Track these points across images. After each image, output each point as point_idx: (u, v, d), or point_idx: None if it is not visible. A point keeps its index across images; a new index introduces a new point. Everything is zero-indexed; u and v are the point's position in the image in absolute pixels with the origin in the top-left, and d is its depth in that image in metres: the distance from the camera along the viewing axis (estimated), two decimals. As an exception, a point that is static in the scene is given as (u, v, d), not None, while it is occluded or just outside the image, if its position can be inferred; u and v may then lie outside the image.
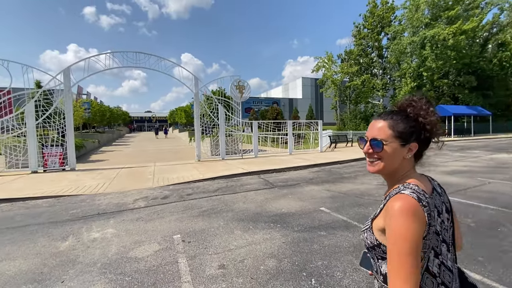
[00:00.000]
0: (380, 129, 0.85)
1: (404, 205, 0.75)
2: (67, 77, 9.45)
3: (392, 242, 0.74)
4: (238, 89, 12.13)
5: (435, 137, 0.87)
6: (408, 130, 0.84)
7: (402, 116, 0.85)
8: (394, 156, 0.84)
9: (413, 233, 0.72)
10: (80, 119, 17.60)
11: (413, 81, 28.27)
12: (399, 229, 0.73)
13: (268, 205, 4.93)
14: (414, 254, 0.71)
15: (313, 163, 9.67)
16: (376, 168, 0.87)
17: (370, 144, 0.86)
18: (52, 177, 8.11)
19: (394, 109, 0.91)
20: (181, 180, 7.38)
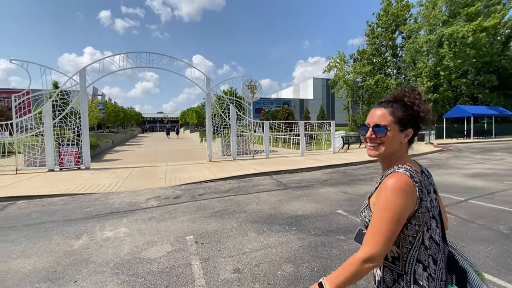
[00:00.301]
0: (381, 116, 0.93)
1: (397, 181, 0.83)
2: (82, 77, 9.64)
3: (377, 211, 0.83)
4: (250, 89, 12.04)
5: (427, 124, 0.95)
6: (406, 117, 0.93)
7: (401, 104, 0.94)
8: (394, 140, 0.93)
9: (398, 206, 0.81)
10: (95, 119, 18.03)
11: (429, 81, 27.35)
12: (386, 201, 0.82)
13: (282, 207, 4.78)
14: (395, 223, 0.80)
15: (326, 164, 9.43)
16: (378, 152, 0.95)
17: (373, 130, 0.94)
18: (67, 176, 8.26)
19: (390, 99, 0.99)
20: (193, 180, 7.33)
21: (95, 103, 19.21)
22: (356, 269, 0.81)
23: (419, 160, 11.42)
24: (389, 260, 0.91)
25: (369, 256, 0.80)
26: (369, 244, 0.82)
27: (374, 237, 0.81)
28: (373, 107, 1.00)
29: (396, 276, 0.89)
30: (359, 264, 0.81)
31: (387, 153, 0.95)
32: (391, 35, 34.21)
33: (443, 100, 29.70)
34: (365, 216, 0.94)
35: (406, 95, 0.95)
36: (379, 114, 0.94)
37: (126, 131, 33.00)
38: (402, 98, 0.96)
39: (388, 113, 0.93)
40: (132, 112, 42.45)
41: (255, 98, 12.18)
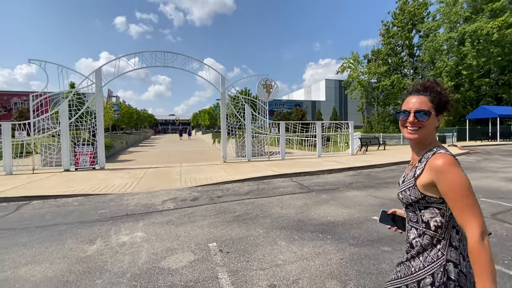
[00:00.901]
0: (422, 103, 1.01)
1: (449, 159, 0.92)
2: (98, 77, 9.58)
3: (452, 190, 0.89)
4: (265, 88, 11.69)
5: (451, 111, 1.04)
6: (441, 103, 1.02)
7: (436, 92, 1.02)
8: (431, 125, 1.02)
9: (466, 178, 0.89)
10: (110, 120, 18.17)
11: (450, 80, 26.15)
12: (456, 177, 0.89)
13: (309, 212, 4.36)
14: (473, 194, 0.89)
15: (348, 166, 8.91)
16: (418, 135, 1.02)
17: (415, 115, 1.00)
18: (82, 176, 8.14)
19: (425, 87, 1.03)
20: (209, 181, 7.02)
21: (110, 104, 19.41)
22: (485, 250, 0.82)
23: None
24: (431, 229, 0.98)
25: (481, 229, 0.84)
26: (472, 221, 0.85)
27: (468, 214, 0.86)
28: (409, 94, 1.06)
29: (435, 241, 0.97)
30: (481, 244, 0.83)
31: (425, 136, 1.02)
32: (408, 34, 33.10)
33: (465, 100, 28.36)
34: (411, 195, 1.02)
35: (437, 85, 1.02)
36: (420, 101, 1.01)
37: (139, 133, 33.36)
38: (435, 87, 1.02)
39: (428, 100, 1.00)
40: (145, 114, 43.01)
41: (271, 97, 11.81)
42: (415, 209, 1.03)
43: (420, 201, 0.99)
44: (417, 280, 0.98)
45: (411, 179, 1.03)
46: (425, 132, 1.01)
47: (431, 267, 0.95)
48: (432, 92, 1.01)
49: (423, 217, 1.01)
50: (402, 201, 1.07)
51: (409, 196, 1.02)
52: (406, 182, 1.05)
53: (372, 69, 33.33)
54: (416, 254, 1.02)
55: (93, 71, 9.51)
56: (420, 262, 0.99)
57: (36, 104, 9.02)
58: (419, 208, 1.01)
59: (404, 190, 1.05)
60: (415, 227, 1.04)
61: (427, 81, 1.04)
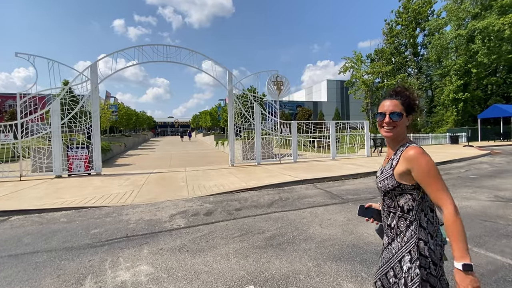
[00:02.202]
0: (396, 105, 1.19)
1: (420, 150, 1.11)
2: (94, 73, 8.66)
3: (425, 174, 1.07)
4: (276, 85, 10.80)
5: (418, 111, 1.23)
6: (409, 105, 1.20)
7: (405, 96, 1.21)
8: (403, 124, 1.20)
9: (432, 165, 1.08)
10: (107, 122, 17.21)
11: (459, 79, 25.39)
12: (426, 163, 1.08)
13: (359, 232, 3.44)
14: (440, 176, 1.07)
15: (373, 170, 8.01)
16: (394, 133, 1.19)
17: (390, 116, 1.18)
18: (76, 183, 7.20)
19: (395, 92, 1.24)
20: (221, 189, 6.09)
21: (108, 104, 18.46)
22: (458, 223, 1.00)
23: (475, 165, 9.89)
24: (405, 212, 1.15)
25: (453, 207, 1.03)
26: (445, 200, 1.04)
27: (441, 193, 1.05)
28: (385, 98, 1.25)
29: (408, 223, 1.14)
30: (454, 218, 1.01)
31: (398, 133, 1.20)
32: (413, 32, 32.42)
33: (472, 100, 27.61)
34: (388, 183, 1.17)
35: (406, 90, 1.23)
36: (393, 104, 1.19)
37: (138, 135, 32.35)
38: (404, 92, 1.22)
39: (399, 103, 1.19)
40: (144, 116, 42.00)
41: (282, 95, 10.92)
42: (391, 196, 1.19)
43: (396, 189, 1.15)
44: (398, 260, 1.13)
45: (388, 170, 1.19)
46: (398, 130, 1.19)
47: (408, 246, 1.11)
48: (402, 96, 1.20)
49: (398, 202, 1.17)
50: (381, 189, 1.22)
51: (387, 184, 1.18)
52: (385, 173, 1.21)
53: (376, 68, 32.58)
54: (395, 236, 1.17)
55: (88, 66, 8.59)
56: (398, 243, 1.15)
57: (24, 103, 8.07)
58: (395, 195, 1.17)
59: (383, 179, 1.20)
60: (393, 212, 1.19)
61: (397, 87, 1.26)
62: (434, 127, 29.51)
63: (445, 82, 27.42)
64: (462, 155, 11.51)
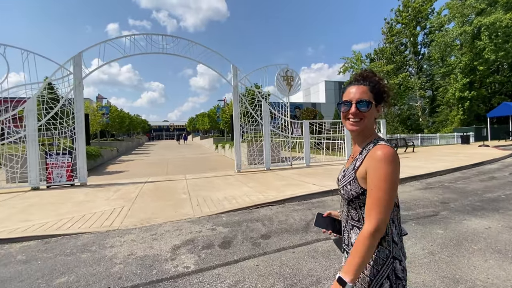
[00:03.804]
0: (363, 93, 0.93)
1: (388, 152, 0.85)
2: (77, 66, 7.40)
3: (375, 182, 0.84)
4: (286, 81, 9.66)
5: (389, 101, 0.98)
6: (380, 93, 0.95)
7: (375, 82, 0.95)
8: (372, 115, 0.95)
9: (393, 175, 0.83)
10: (98, 125, 15.84)
11: (464, 77, 24.67)
12: (383, 171, 0.83)
13: (462, 271, 2.27)
14: (391, 192, 0.83)
15: (409, 175, 6.86)
16: (360, 126, 0.94)
17: (356, 106, 0.93)
18: (53, 197, 5.90)
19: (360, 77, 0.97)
20: (234, 203, 4.88)
21: (98, 106, 17.07)
22: (369, 245, 0.81)
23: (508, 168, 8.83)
24: None
25: (376, 227, 0.81)
26: (374, 215, 0.82)
27: (376, 208, 0.82)
28: (350, 84, 0.99)
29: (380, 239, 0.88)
30: (369, 238, 0.80)
31: (366, 127, 0.95)
32: (413, 31, 31.86)
33: (477, 98, 26.94)
34: (351, 189, 0.94)
35: (374, 75, 0.96)
36: (360, 91, 0.94)
37: (132, 139, 30.85)
38: (373, 77, 0.96)
39: (368, 90, 0.94)
40: (138, 119, 40.46)
41: (292, 91, 9.79)
42: (356, 206, 0.95)
43: (360, 197, 0.92)
44: None
45: (351, 172, 0.96)
46: (366, 122, 0.95)
47: (385, 270, 0.88)
48: (371, 82, 0.96)
49: (363, 215, 0.91)
50: (344, 197, 0.99)
51: (350, 191, 0.95)
52: (347, 176, 0.98)
53: (378, 68, 31.82)
54: None
55: (71, 58, 7.32)
56: (372, 267, 0.89)
57: (-8, 101, 6.76)
58: (359, 205, 0.94)
59: (345, 184, 0.97)
60: (357, 226, 0.95)
61: (364, 71, 0.99)
62: (438, 127, 28.76)
63: (449, 80, 26.71)
64: (489, 156, 10.49)
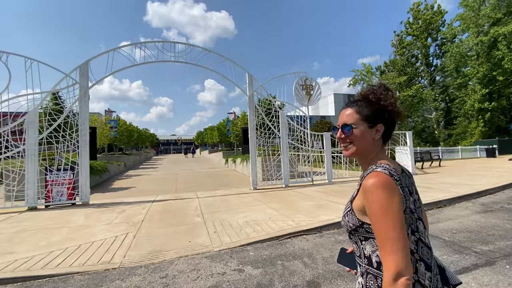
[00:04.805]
0: (348, 115, 0.89)
1: (379, 180, 0.75)
2: (84, 75, 6.90)
3: (375, 219, 0.74)
4: (305, 90, 8.98)
5: (397, 116, 0.88)
6: (373, 113, 0.87)
7: (366, 102, 0.89)
8: (364, 138, 0.87)
9: (392, 205, 0.72)
10: (106, 139, 15.40)
11: (483, 87, 23.68)
12: (379, 202, 0.73)
13: None
14: (398, 224, 0.70)
15: (455, 195, 5.89)
16: (350, 152, 0.89)
17: (341, 130, 0.90)
18: (48, 220, 5.16)
19: (357, 98, 0.93)
20: (259, 231, 4.03)
21: (106, 119, 16.74)
22: None
23: None
24: (373, 265, 0.79)
25: (395, 270, 0.67)
26: (387, 255, 0.70)
27: (388, 249, 0.70)
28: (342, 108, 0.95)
29: (380, 282, 0.76)
30: (391, 285, 0.67)
31: (361, 151, 0.89)
32: (425, 42, 31.39)
33: (497, 109, 25.77)
34: (349, 221, 0.85)
35: (372, 92, 0.89)
36: (346, 114, 0.90)
37: (140, 153, 30.47)
38: (368, 95, 0.89)
39: (354, 112, 0.89)
40: (146, 133, 40.36)
41: (312, 101, 9.08)
42: (356, 240, 0.85)
43: (359, 230, 0.82)
44: None
45: (348, 202, 0.89)
46: (357, 148, 0.88)
47: None
48: (363, 101, 0.89)
49: (364, 251, 0.83)
50: (345, 229, 0.90)
51: (348, 222, 0.86)
52: (346, 206, 0.90)
53: (390, 80, 31.14)
54: None
55: (77, 67, 6.84)
56: None
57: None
58: (359, 239, 0.83)
59: (344, 215, 0.89)
60: (359, 263, 0.86)
61: (367, 88, 0.90)
62: (457, 140, 27.46)
63: (467, 91, 25.73)
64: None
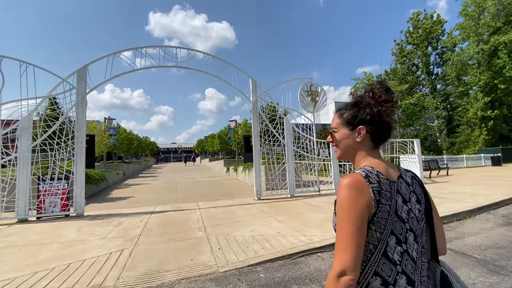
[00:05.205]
0: (333, 120, 0.94)
1: (349, 180, 0.76)
2: (81, 80, 6.63)
3: (337, 216, 0.76)
4: (310, 96, 8.72)
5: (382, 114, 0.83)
6: (352, 115, 0.87)
7: (349, 104, 0.90)
8: (346, 141, 0.88)
9: (352, 205, 0.72)
10: (105, 147, 15.06)
11: (485, 96, 23.56)
12: (341, 200, 0.75)
13: None
14: (354, 223, 0.71)
15: (474, 206, 5.51)
16: (337, 154, 0.93)
17: (330, 134, 0.94)
18: (38, 234, 4.77)
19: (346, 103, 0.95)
20: (268, 248, 3.64)
21: (106, 127, 16.43)
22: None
23: None
24: None
25: (340, 268, 0.69)
26: (337, 254, 0.71)
27: (338, 246, 0.72)
28: None
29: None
30: (334, 281, 0.69)
31: (345, 154, 0.91)
32: (426, 51, 31.60)
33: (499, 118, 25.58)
34: (333, 221, 0.86)
35: (355, 95, 0.90)
36: (332, 119, 0.95)
37: (140, 162, 30.06)
38: (353, 98, 0.91)
39: (336, 116, 0.93)
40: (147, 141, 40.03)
41: (317, 108, 8.80)
42: None
43: None
44: None
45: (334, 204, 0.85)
46: (341, 150, 0.91)
47: None
48: (348, 105, 0.91)
49: None
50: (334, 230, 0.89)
51: (333, 222, 0.86)
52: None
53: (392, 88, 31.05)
54: None
55: (75, 71, 6.58)
56: None
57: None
58: None
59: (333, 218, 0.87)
60: None
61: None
62: (461, 148, 27.15)
63: (469, 100, 25.61)
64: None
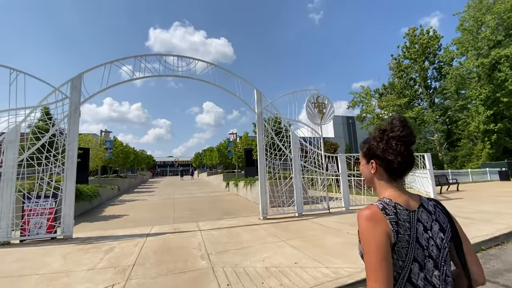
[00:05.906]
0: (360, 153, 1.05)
1: (366, 212, 0.82)
2: (75, 89, 6.18)
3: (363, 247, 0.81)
4: (317, 108, 8.32)
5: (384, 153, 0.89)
6: (366, 148, 0.98)
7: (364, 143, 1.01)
8: (365, 172, 0.99)
9: (372, 234, 0.78)
10: (100, 161, 14.44)
11: (487, 109, 23.49)
12: (362, 231, 0.80)
13: None
14: (378, 253, 0.75)
15: (509, 229, 4.96)
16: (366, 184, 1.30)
17: None
18: (18, 263, 4.11)
19: None
20: (286, 284, 3.04)
21: (102, 140, 15.87)
22: None
23: None
24: None
25: None
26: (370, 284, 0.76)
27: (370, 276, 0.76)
28: None
29: None
30: None
31: (368, 183, 0.99)
32: (423, 65, 32.01)
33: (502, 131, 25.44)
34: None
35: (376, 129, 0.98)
36: None
37: (136, 176, 29.24)
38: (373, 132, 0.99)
39: (360, 150, 1.04)
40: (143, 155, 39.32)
41: (325, 119, 8.38)
42: None
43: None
44: None
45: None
46: (365, 178, 1.01)
47: None
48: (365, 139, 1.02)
49: None
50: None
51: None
52: None
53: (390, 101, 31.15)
54: None
55: (69, 80, 6.14)
56: None
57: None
58: None
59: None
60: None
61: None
62: (463, 162, 26.79)
63: (470, 113, 25.55)
64: None
